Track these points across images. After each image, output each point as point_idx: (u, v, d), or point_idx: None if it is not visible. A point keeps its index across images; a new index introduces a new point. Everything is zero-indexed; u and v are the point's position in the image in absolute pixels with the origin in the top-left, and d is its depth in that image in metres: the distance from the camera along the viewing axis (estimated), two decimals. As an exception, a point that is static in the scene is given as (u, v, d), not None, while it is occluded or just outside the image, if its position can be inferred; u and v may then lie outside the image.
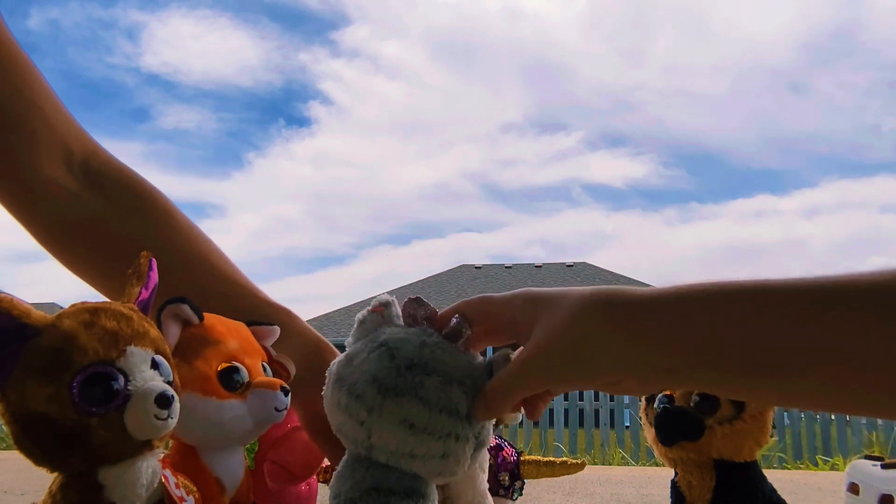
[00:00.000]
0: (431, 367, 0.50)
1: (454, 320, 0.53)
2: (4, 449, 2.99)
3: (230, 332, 0.80)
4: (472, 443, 0.52)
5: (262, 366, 0.83)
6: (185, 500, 0.63)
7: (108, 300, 0.66)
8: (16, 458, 0.66)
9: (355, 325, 0.59)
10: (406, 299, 0.57)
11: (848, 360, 0.32)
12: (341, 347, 0.62)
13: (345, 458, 0.57)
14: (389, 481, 0.52)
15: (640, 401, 0.97)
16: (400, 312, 0.58)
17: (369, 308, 0.58)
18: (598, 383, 0.43)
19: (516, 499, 1.10)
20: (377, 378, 0.51)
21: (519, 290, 0.48)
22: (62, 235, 0.78)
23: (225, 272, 0.83)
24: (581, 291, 0.42)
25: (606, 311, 0.40)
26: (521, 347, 0.47)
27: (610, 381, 0.43)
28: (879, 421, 5.38)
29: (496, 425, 1.14)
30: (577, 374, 0.43)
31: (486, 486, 1.01)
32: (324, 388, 0.60)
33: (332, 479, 0.57)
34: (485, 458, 1.13)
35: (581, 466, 1.19)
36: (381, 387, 0.51)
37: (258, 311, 0.83)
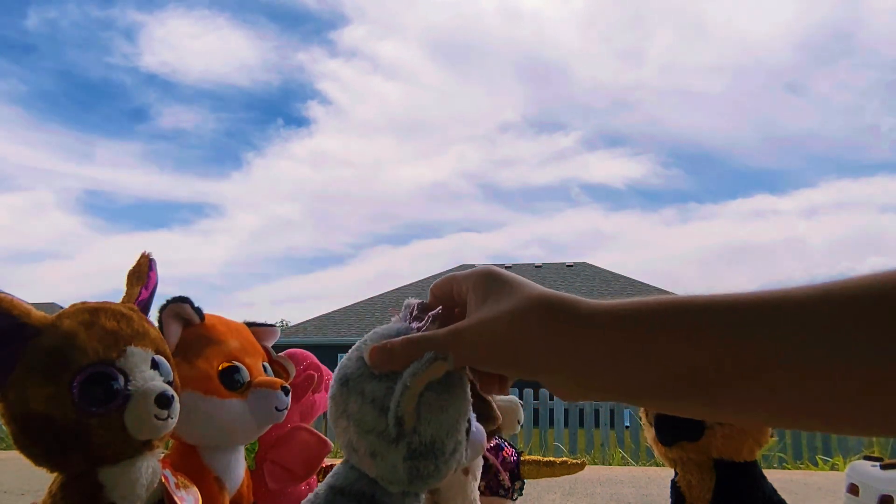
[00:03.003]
0: None
1: (417, 304, 0.53)
2: (4, 449, 2.99)
3: (231, 332, 0.80)
4: (403, 449, 0.48)
5: (263, 366, 0.83)
6: (185, 500, 0.63)
7: (108, 300, 0.66)
8: (16, 458, 0.66)
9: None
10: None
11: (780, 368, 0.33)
12: (342, 347, 0.63)
13: None
14: (346, 481, 0.52)
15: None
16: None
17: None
18: (522, 374, 0.43)
19: (516, 499, 1.10)
20: (342, 368, 0.52)
21: (483, 266, 0.48)
22: None
23: None
24: (532, 289, 0.43)
25: (544, 314, 0.40)
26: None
27: (533, 377, 0.43)
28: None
29: (495, 432, 1.14)
30: (499, 362, 0.43)
31: (477, 493, 1.01)
32: None
33: None
34: (478, 465, 1.13)
35: (581, 466, 1.19)
36: (343, 377, 0.51)
37: None
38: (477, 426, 0.57)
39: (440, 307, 0.51)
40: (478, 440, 0.56)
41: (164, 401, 0.59)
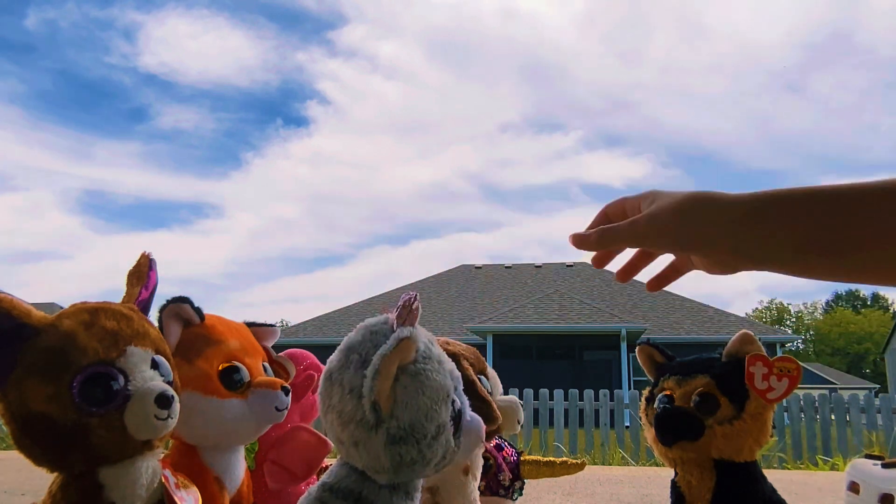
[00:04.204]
0: (361, 350, 0.50)
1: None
2: (4, 449, 2.99)
3: (231, 332, 0.81)
4: (383, 435, 0.48)
5: (263, 366, 0.83)
6: (185, 500, 0.63)
7: (108, 300, 0.66)
8: (16, 458, 0.66)
9: None
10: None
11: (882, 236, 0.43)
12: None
13: None
14: (336, 478, 0.53)
15: (640, 401, 0.97)
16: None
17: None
18: (686, 248, 0.54)
19: (516, 499, 1.10)
20: (327, 364, 0.53)
21: (649, 189, 0.57)
22: None
23: None
24: (682, 192, 0.54)
25: (698, 202, 0.52)
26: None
27: (702, 252, 0.53)
28: (879, 421, 5.37)
29: (496, 432, 1.14)
30: (668, 240, 0.53)
31: (477, 493, 1.01)
32: None
33: None
34: (478, 466, 1.13)
35: (581, 466, 1.19)
36: (327, 372, 0.52)
37: None
38: (472, 415, 0.57)
39: (415, 293, 0.53)
40: (474, 429, 0.54)
41: (164, 401, 0.59)
